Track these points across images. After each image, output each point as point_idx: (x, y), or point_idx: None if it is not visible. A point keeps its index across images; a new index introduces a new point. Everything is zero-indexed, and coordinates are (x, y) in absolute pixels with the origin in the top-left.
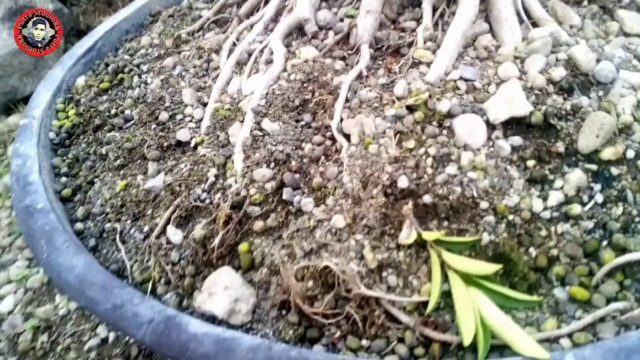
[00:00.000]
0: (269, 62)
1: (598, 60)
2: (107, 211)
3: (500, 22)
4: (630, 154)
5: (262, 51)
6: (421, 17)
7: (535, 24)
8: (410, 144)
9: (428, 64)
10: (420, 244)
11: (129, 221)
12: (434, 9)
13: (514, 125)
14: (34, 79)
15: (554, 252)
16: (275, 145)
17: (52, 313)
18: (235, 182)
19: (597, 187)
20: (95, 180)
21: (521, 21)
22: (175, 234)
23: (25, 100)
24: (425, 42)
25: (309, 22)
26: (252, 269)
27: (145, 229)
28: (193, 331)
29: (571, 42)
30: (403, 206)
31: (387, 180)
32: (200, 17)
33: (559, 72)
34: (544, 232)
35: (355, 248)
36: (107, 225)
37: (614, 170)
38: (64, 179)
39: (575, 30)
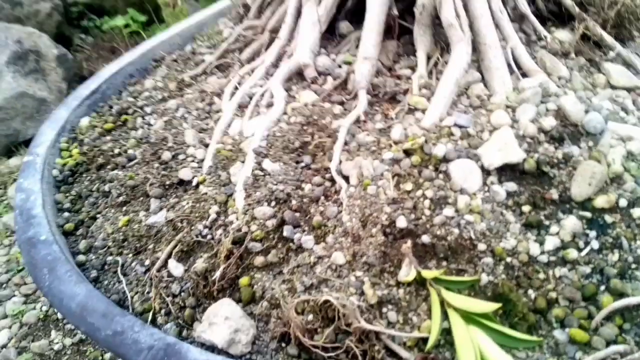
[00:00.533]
0: (270, 105)
1: (587, 111)
2: (109, 245)
3: (492, 71)
4: (623, 202)
5: (263, 95)
6: (416, 65)
7: (525, 75)
8: (408, 186)
9: (423, 111)
10: (420, 282)
11: (130, 255)
12: (428, 58)
13: (508, 171)
14: (36, 122)
15: (553, 294)
16: (276, 184)
17: (47, 348)
18: (237, 218)
19: (593, 233)
20: (98, 215)
21: (511, 71)
22: (176, 268)
23: (27, 143)
24: (420, 90)
25: (309, 68)
26: (252, 302)
27: (147, 262)
28: (193, 358)
29: (560, 93)
30: (402, 245)
31: (386, 220)
32: (203, 61)
33: (549, 122)
34: (542, 275)
35: (356, 284)
36: (109, 258)
37: (608, 218)
38: (66, 214)
39: (563, 82)
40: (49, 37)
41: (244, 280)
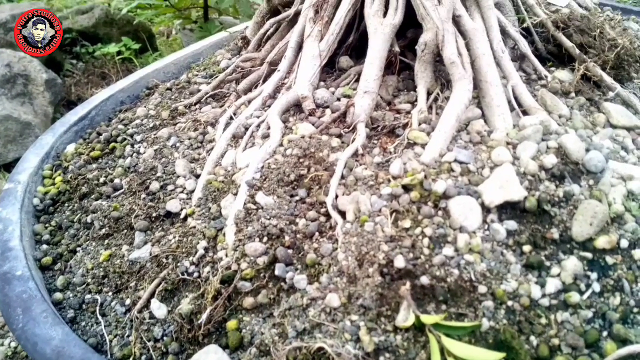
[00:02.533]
0: (266, 136)
1: (587, 150)
2: (88, 281)
3: (492, 108)
4: (624, 243)
5: (259, 126)
6: (416, 100)
7: (525, 112)
8: (407, 223)
9: (423, 145)
10: (419, 327)
11: (110, 293)
12: (429, 93)
13: (508, 209)
14: (18, 145)
15: (555, 341)
16: (269, 219)
17: None
18: (226, 255)
19: (594, 275)
20: (78, 249)
21: (512, 109)
22: (159, 308)
23: (7, 166)
24: (419, 124)
25: (307, 100)
26: (240, 348)
27: (128, 301)
28: None
29: (561, 131)
30: (400, 287)
31: (384, 260)
32: (199, 90)
33: (550, 160)
34: (544, 320)
35: (351, 329)
36: (88, 296)
37: (609, 259)
38: (45, 246)
39: (564, 120)
40: (40, 62)
41: (231, 324)
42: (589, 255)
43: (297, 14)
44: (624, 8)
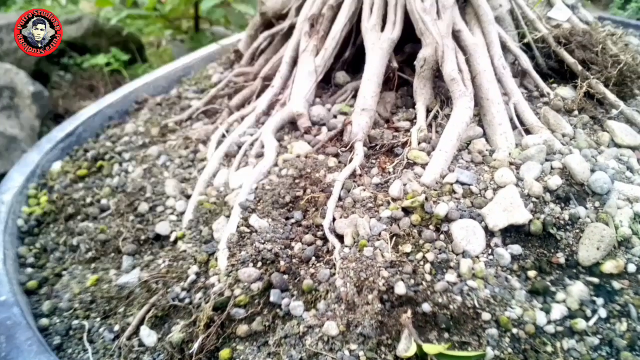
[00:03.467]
0: (259, 155)
1: (592, 171)
2: (75, 307)
3: (494, 126)
4: (632, 268)
5: (252, 144)
6: (415, 117)
7: (527, 131)
8: (407, 248)
9: (423, 165)
10: (421, 357)
11: (98, 319)
12: (428, 110)
13: (512, 232)
14: (4, 160)
15: None
16: (263, 243)
17: None
18: (219, 281)
19: (600, 301)
20: (64, 272)
21: (514, 127)
22: (149, 336)
23: None
24: (419, 143)
25: (303, 117)
26: None
27: (116, 328)
28: None
29: (565, 151)
30: (401, 314)
31: (384, 286)
32: (190, 106)
33: (555, 181)
34: (549, 348)
35: (350, 359)
36: (75, 322)
37: (616, 285)
38: (29, 269)
39: (567, 139)
40: (27, 74)
41: (224, 353)
42: (595, 280)
43: (291, 27)
44: (622, 21)
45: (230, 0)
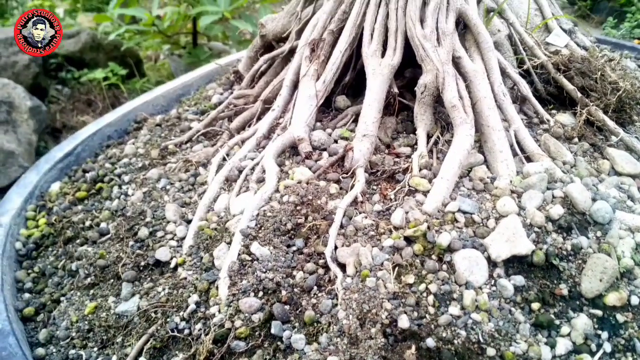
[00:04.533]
0: (260, 180)
1: (594, 200)
2: (72, 335)
3: (495, 154)
4: (635, 300)
5: (253, 169)
6: (416, 143)
7: (528, 158)
8: (410, 278)
9: (424, 193)
10: None
11: (95, 349)
12: (428, 136)
13: (515, 263)
14: (1, 175)
15: None
16: (265, 272)
17: None
18: (219, 311)
19: (604, 334)
20: (62, 299)
21: (515, 154)
22: None
23: None
24: (420, 170)
25: (304, 142)
26: None
27: (114, 358)
28: None
29: (566, 179)
30: (405, 350)
31: (387, 319)
32: (190, 128)
33: (557, 210)
34: None
35: None
36: (72, 351)
37: (620, 317)
38: (27, 295)
39: (568, 167)
40: (24, 89)
41: None
42: (599, 312)
43: (292, 50)
44: (617, 43)
45: (228, 16)
